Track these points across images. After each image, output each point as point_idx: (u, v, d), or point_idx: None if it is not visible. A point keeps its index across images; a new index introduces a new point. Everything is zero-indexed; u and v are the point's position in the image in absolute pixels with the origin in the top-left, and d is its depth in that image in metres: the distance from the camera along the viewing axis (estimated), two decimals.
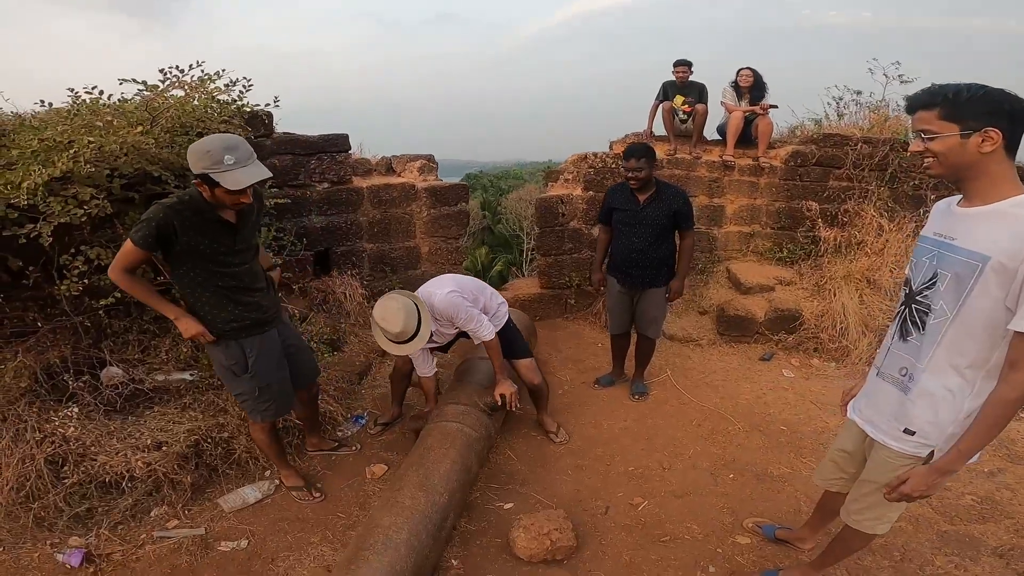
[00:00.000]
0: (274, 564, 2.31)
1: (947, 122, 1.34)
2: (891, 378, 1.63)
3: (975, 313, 1.39)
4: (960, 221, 1.44)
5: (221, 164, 1.90)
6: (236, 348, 2.27)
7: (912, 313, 1.56)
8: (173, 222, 1.96)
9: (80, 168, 2.15)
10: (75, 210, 2.27)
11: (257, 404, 2.40)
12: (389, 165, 4.46)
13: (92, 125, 2.23)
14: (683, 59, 4.92)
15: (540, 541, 2.27)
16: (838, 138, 4.71)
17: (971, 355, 1.43)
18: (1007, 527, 2.58)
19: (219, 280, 2.16)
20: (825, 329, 4.30)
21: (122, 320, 3.07)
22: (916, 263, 1.57)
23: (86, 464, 2.47)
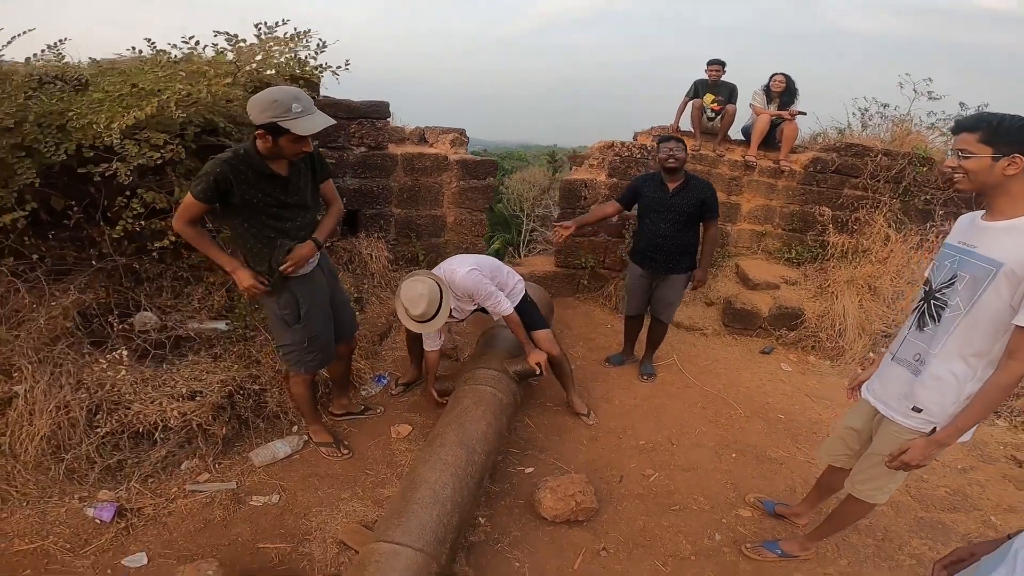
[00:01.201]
0: (306, 519, 2.36)
1: (983, 145, 1.58)
2: (905, 362, 1.86)
3: (985, 310, 1.61)
4: (982, 232, 1.67)
5: (289, 112, 1.94)
6: (290, 297, 2.32)
7: (930, 307, 1.78)
8: (229, 176, 2.02)
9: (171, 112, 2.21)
10: (151, 153, 2.32)
11: (304, 355, 2.44)
12: (422, 135, 4.52)
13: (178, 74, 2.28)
14: (717, 58, 5.01)
15: (566, 502, 2.44)
16: (859, 148, 4.84)
17: (977, 345, 1.65)
18: (975, 517, 2.85)
19: (271, 232, 2.19)
20: (824, 329, 4.50)
21: (157, 266, 3.07)
22: (938, 265, 1.80)
23: (120, 412, 2.43)
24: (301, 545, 2.25)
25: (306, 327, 2.38)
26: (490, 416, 2.57)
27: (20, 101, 2.28)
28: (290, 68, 2.91)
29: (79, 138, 2.33)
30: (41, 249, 2.80)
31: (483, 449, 2.39)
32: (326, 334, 2.52)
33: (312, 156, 2.25)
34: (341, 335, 2.71)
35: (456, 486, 2.14)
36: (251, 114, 1.99)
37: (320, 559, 2.19)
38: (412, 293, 2.69)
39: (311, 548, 2.23)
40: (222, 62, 2.52)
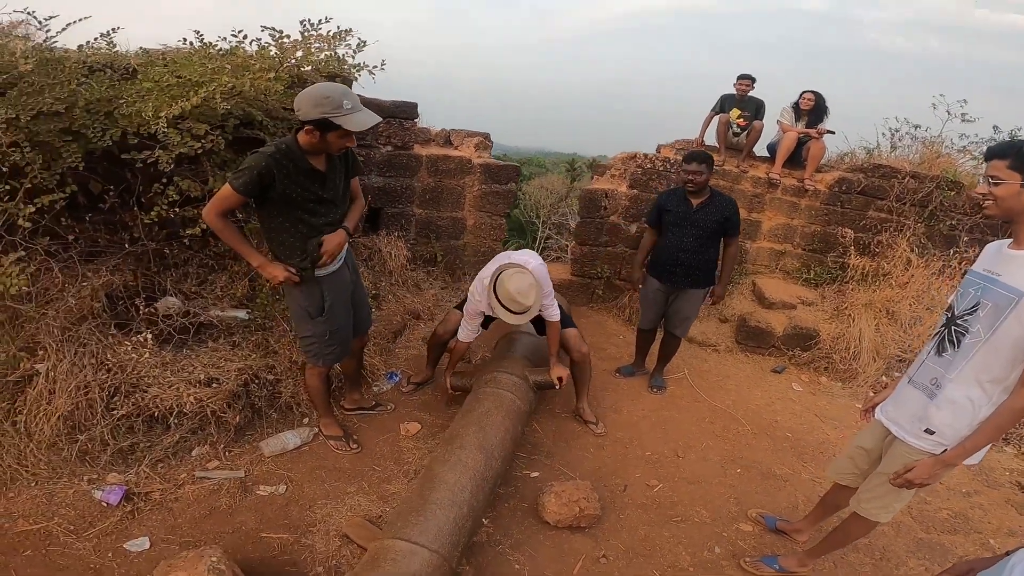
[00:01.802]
0: (311, 511, 2.38)
1: (1013, 171, 1.59)
2: (921, 386, 1.88)
3: (1005, 337, 1.63)
4: (1008, 261, 1.68)
5: (341, 108, 1.99)
6: (316, 290, 2.35)
7: (951, 333, 1.80)
8: (273, 170, 2.04)
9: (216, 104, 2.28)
10: (192, 142, 2.40)
11: (323, 348, 2.47)
12: (447, 138, 4.60)
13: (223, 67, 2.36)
14: (747, 73, 5.01)
15: (570, 507, 2.47)
16: (887, 169, 4.78)
17: (995, 372, 1.67)
18: (974, 540, 2.87)
19: (304, 227, 2.22)
20: (838, 351, 4.46)
21: (184, 252, 3.14)
22: (962, 292, 1.81)
23: (137, 396, 2.44)
24: (304, 536, 2.26)
25: (328, 320, 2.41)
26: (509, 423, 2.59)
27: (71, 87, 2.35)
28: (329, 66, 2.97)
29: (125, 125, 2.41)
30: (76, 231, 2.86)
31: (500, 455, 2.41)
32: (346, 329, 2.56)
33: (348, 152, 2.30)
34: (356, 330, 2.75)
35: (473, 490, 2.15)
36: (302, 109, 2.00)
37: (322, 551, 2.20)
38: (521, 285, 2.68)
39: (314, 540, 2.25)
40: (267, 56, 2.60)
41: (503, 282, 2.71)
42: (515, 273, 2.72)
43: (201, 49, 2.60)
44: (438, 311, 4.29)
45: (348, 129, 2.04)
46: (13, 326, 2.48)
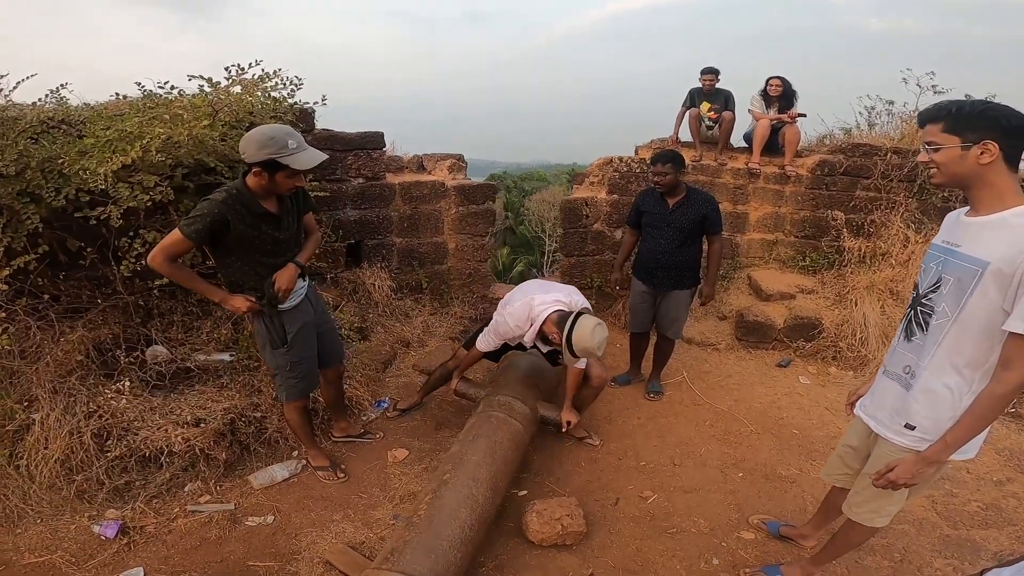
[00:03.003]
0: (297, 539, 2.42)
1: (949, 135, 1.45)
2: (895, 376, 1.73)
3: (973, 315, 1.48)
4: (966, 229, 1.53)
5: (287, 148, 2.02)
6: (277, 322, 2.39)
7: (917, 315, 1.65)
8: (227, 216, 2.06)
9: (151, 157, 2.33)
10: (141, 195, 2.45)
11: (287, 379, 2.50)
12: (420, 163, 4.63)
13: (162, 117, 2.41)
14: (710, 67, 5.00)
15: (552, 526, 2.38)
16: (867, 148, 4.69)
17: (969, 355, 1.52)
18: (1009, 534, 2.63)
19: (262, 270, 2.27)
20: (844, 338, 4.30)
21: (168, 302, 3.25)
22: (924, 269, 1.67)
23: (129, 438, 2.58)
24: (289, 564, 2.30)
25: (290, 351, 2.44)
26: (516, 457, 2.58)
27: (21, 147, 2.42)
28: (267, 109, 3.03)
29: (78, 183, 2.48)
30: (59, 288, 2.97)
31: (504, 489, 2.42)
32: (310, 361, 2.58)
33: (299, 191, 2.33)
34: (329, 361, 2.77)
35: (479, 528, 2.15)
36: (247, 152, 2.03)
37: None
38: (601, 339, 2.61)
39: (298, 567, 2.28)
40: (198, 105, 2.65)
41: (584, 331, 2.58)
42: (597, 326, 2.60)
43: (139, 101, 2.66)
44: (428, 338, 4.28)
45: (295, 168, 2.07)
46: (10, 382, 2.65)
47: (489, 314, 4.71)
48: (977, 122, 1.41)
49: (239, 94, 2.92)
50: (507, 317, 2.82)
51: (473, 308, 4.67)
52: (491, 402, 2.79)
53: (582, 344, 2.57)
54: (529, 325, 2.76)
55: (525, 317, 2.77)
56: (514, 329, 2.82)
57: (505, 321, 2.83)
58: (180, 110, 2.47)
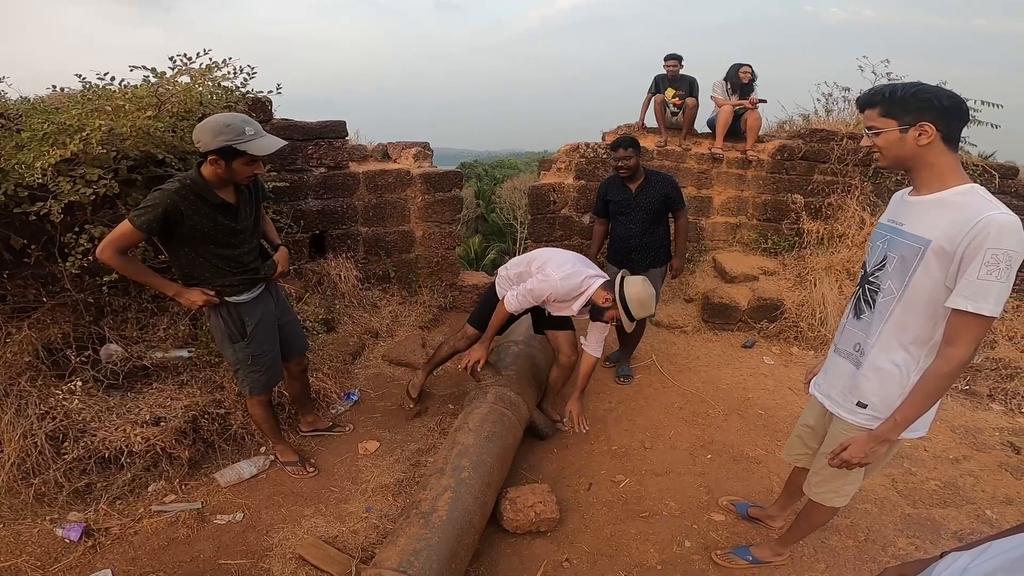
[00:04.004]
0: (268, 535, 2.39)
1: (887, 119, 1.47)
2: (846, 353, 1.76)
3: (917, 292, 1.51)
4: (910, 208, 1.56)
5: (243, 135, 1.98)
6: (234, 313, 2.32)
7: (865, 292, 1.68)
8: (180, 207, 2.00)
9: (92, 149, 2.21)
10: (83, 189, 2.32)
11: (249, 373, 2.44)
12: (385, 152, 4.53)
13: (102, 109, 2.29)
14: (674, 53, 5.05)
15: (525, 513, 2.39)
16: (824, 133, 4.81)
17: (914, 331, 1.55)
18: (968, 512, 2.71)
19: (219, 262, 2.20)
20: (805, 318, 4.43)
21: (121, 298, 3.13)
22: (871, 247, 1.69)
23: (86, 440, 2.51)
24: (261, 561, 2.28)
25: (250, 344, 2.39)
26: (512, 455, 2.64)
27: None
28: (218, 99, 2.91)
29: (16, 178, 2.34)
30: (5, 288, 2.85)
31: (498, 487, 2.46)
32: (271, 354, 2.52)
33: (256, 185, 2.31)
34: (292, 353, 2.73)
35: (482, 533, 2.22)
36: (202, 140, 1.98)
37: (279, 574, 2.22)
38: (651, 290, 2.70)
39: (271, 564, 2.26)
40: (141, 96, 2.52)
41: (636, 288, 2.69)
42: (643, 281, 2.72)
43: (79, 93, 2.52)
44: (397, 328, 4.23)
45: (253, 154, 2.02)
46: None
47: (459, 301, 4.69)
48: (911, 104, 1.43)
49: (187, 84, 2.79)
50: (554, 285, 2.77)
51: (442, 296, 4.63)
52: (504, 398, 2.77)
53: (637, 297, 2.66)
54: (580, 293, 2.81)
55: (577, 287, 2.79)
56: (562, 296, 2.81)
57: (550, 287, 2.78)
58: (122, 101, 2.33)
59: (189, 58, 2.78)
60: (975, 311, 1.38)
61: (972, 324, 1.40)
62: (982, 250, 1.35)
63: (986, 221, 1.35)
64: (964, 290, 1.39)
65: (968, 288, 1.38)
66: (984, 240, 1.34)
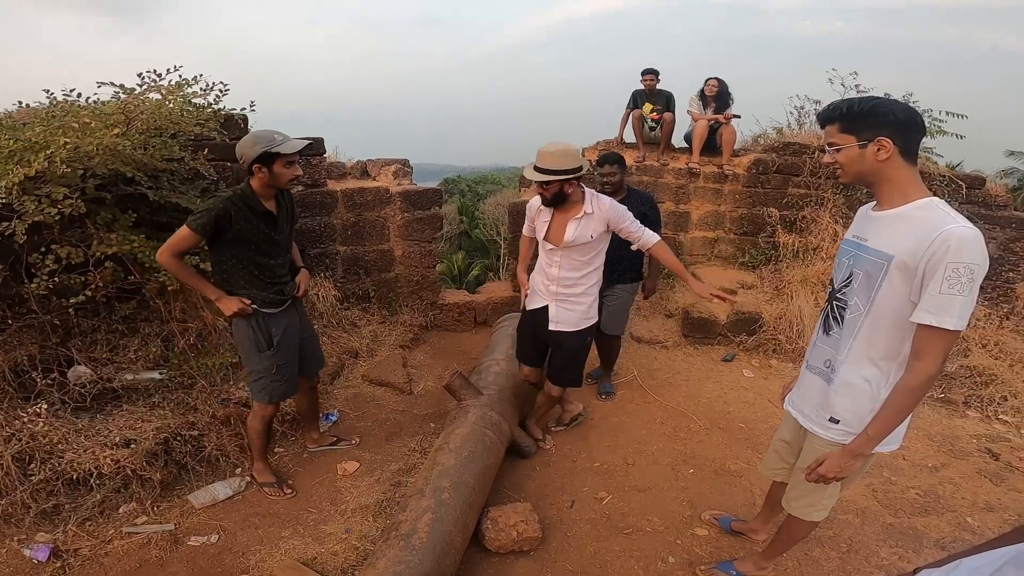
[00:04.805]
0: (244, 557, 2.35)
1: (846, 134, 1.48)
2: (817, 370, 1.76)
3: (884, 308, 1.51)
4: (873, 224, 1.57)
5: (275, 142, 2.22)
6: (264, 323, 2.45)
7: (833, 309, 1.69)
8: (230, 211, 2.22)
9: (56, 168, 2.16)
10: (49, 209, 2.28)
11: (271, 383, 2.52)
12: (364, 169, 4.51)
13: (68, 126, 2.25)
14: (650, 68, 5.13)
15: (507, 533, 2.35)
16: (797, 146, 4.90)
17: (883, 347, 1.55)
18: (949, 520, 2.72)
19: (255, 269, 2.37)
20: (783, 331, 4.47)
21: (90, 319, 3.08)
22: (838, 263, 1.70)
23: (53, 461, 2.48)
24: None
25: (276, 354, 2.49)
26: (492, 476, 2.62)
27: None
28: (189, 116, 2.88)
29: None
30: None
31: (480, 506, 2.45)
32: (293, 365, 2.62)
33: (290, 200, 2.53)
34: (309, 369, 2.82)
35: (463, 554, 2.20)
36: (244, 155, 2.22)
37: None
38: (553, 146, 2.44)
39: None
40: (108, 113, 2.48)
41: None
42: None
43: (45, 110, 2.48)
44: (377, 347, 4.18)
45: (286, 153, 2.24)
46: None
47: (440, 320, 4.66)
48: (869, 119, 1.44)
49: (158, 101, 2.76)
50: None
51: (423, 315, 4.59)
52: (486, 418, 2.74)
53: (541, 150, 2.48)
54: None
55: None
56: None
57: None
58: (88, 119, 2.30)
59: (159, 74, 2.75)
60: (939, 325, 1.38)
61: (938, 338, 1.40)
62: (943, 264, 1.35)
63: (945, 235, 1.35)
64: (927, 304, 1.39)
65: (931, 302, 1.38)
66: (944, 254, 1.35)
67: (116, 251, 2.74)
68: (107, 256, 2.77)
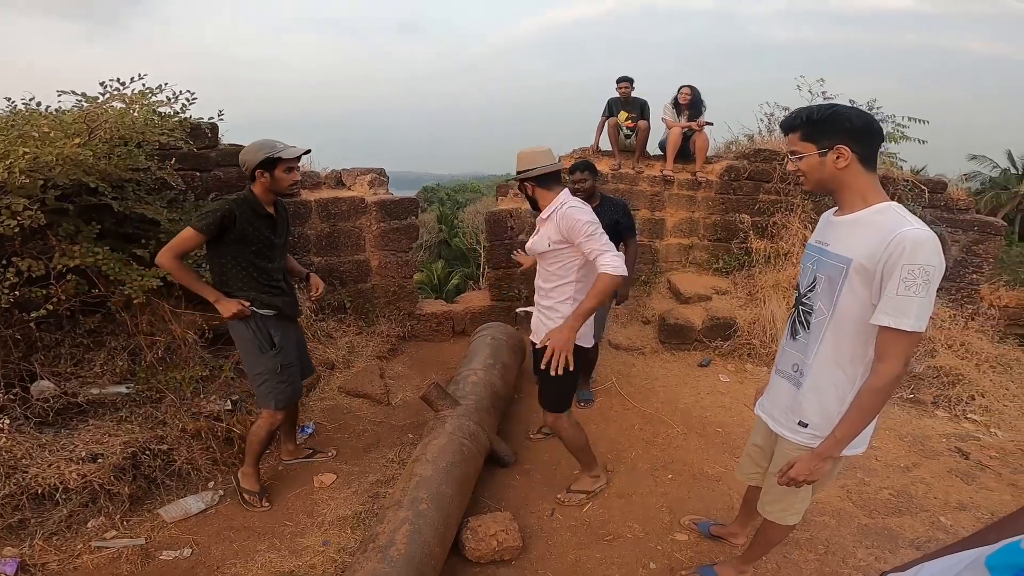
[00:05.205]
0: (219, 571, 2.31)
1: (806, 143, 1.51)
2: (785, 374, 1.78)
3: (846, 312, 1.53)
4: (834, 229, 1.59)
5: (276, 148, 2.31)
6: (263, 325, 2.48)
7: (799, 314, 1.71)
8: (235, 213, 2.28)
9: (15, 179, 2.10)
10: (8, 221, 2.21)
11: (276, 384, 2.52)
12: (339, 178, 4.47)
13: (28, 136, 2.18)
14: (625, 76, 5.17)
15: (487, 542, 2.33)
16: (767, 153, 5.00)
17: (848, 350, 1.56)
18: (923, 520, 2.77)
19: (253, 271, 2.42)
20: (757, 335, 4.54)
21: (54, 333, 2.98)
22: (803, 268, 1.72)
23: (17, 476, 2.44)
24: None
25: (279, 354, 2.52)
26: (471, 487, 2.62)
27: None
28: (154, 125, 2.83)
29: None
30: None
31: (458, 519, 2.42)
32: (296, 367, 2.65)
33: (285, 210, 2.62)
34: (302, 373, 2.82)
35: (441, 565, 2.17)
36: (247, 161, 2.31)
37: None
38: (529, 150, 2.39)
39: None
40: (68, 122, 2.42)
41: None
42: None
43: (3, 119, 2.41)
44: (354, 359, 4.13)
45: (287, 158, 2.31)
46: None
47: (417, 331, 4.62)
48: (827, 127, 1.46)
49: (122, 110, 2.70)
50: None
51: (400, 326, 4.55)
52: (463, 428, 2.73)
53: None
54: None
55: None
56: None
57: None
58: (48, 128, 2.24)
59: (122, 83, 2.69)
60: (896, 327, 1.40)
61: (898, 339, 1.42)
62: (898, 267, 1.37)
63: (900, 238, 1.37)
64: (885, 307, 1.41)
65: (889, 304, 1.40)
66: (900, 257, 1.37)
67: (79, 263, 2.66)
68: (70, 269, 2.69)
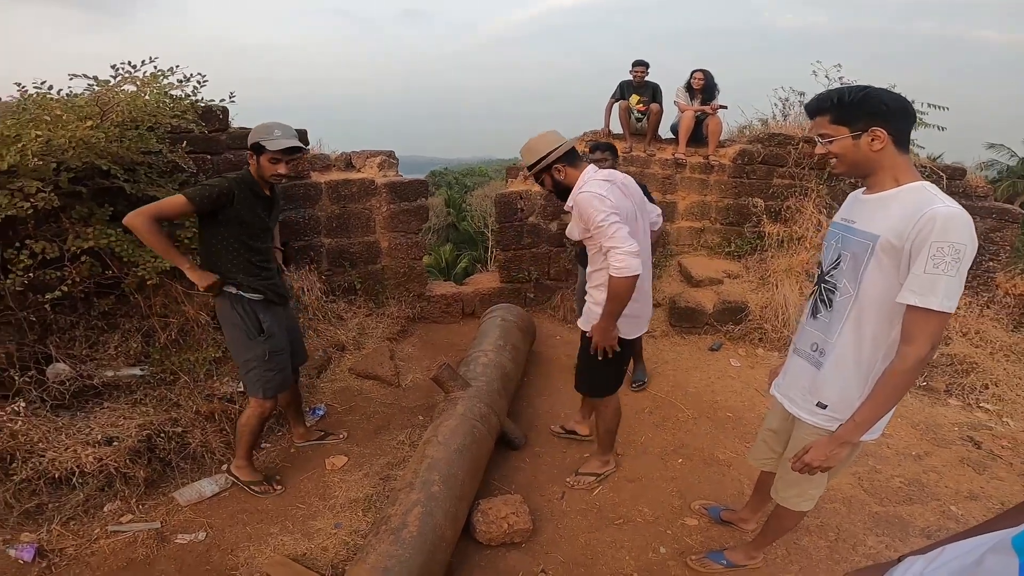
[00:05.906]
0: (233, 554, 2.33)
1: (838, 125, 1.46)
2: (804, 354, 1.74)
3: (871, 290, 1.49)
4: (862, 206, 1.55)
5: (270, 135, 2.27)
6: (251, 309, 2.43)
7: (822, 292, 1.67)
8: (234, 191, 2.25)
9: (27, 161, 2.09)
10: (22, 203, 2.21)
11: (265, 372, 2.47)
12: (349, 161, 4.44)
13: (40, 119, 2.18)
14: (641, 60, 5.13)
15: (498, 524, 2.35)
16: (782, 137, 4.92)
17: (871, 330, 1.52)
18: (933, 508, 2.76)
19: (244, 252, 2.37)
20: (768, 320, 4.50)
21: (68, 316, 3.01)
22: (826, 246, 1.68)
23: (34, 460, 2.45)
24: None
25: (268, 340, 2.47)
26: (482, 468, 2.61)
27: None
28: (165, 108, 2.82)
29: None
30: None
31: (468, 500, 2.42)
32: (285, 353, 2.59)
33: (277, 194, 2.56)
34: (295, 362, 2.80)
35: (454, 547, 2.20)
36: (249, 139, 2.30)
37: None
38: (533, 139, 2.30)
39: None
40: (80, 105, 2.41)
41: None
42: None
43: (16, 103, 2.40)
44: (364, 340, 4.14)
45: (270, 149, 2.25)
46: None
47: (427, 312, 4.63)
48: (861, 110, 1.42)
49: (133, 93, 2.69)
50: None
51: (410, 307, 4.56)
52: (474, 410, 2.73)
53: None
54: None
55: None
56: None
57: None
58: (60, 111, 2.23)
59: (133, 66, 2.68)
60: (923, 306, 1.35)
61: (925, 320, 1.37)
62: (927, 244, 1.33)
63: (931, 214, 1.33)
64: (912, 284, 1.36)
65: (915, 282, 1.36)
66: (929, 234, 1.33)
67: (93, 245, 2.68)
68: (84, 251, 2.71)
